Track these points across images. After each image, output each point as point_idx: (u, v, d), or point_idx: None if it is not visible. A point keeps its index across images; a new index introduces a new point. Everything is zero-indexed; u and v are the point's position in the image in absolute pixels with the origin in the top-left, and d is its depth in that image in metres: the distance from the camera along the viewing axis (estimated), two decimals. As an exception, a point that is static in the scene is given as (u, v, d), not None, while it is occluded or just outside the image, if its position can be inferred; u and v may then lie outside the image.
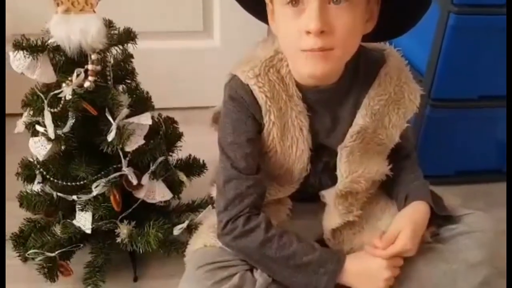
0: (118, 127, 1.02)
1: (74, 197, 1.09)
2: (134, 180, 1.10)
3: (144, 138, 1.08)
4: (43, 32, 1.00)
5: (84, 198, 1.08)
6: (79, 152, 1.08)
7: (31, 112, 1.04)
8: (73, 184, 1.09)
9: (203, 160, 1.28)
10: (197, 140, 1.24)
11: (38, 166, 1.12)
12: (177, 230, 1.16)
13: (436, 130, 1.42)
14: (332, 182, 1.00)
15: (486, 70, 1.35)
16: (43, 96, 1.00)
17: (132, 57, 1.12)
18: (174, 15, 1.69)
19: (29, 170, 1.15)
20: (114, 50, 1.08)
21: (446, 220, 0.97)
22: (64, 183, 1.10)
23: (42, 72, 0.99)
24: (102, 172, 1.08)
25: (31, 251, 1.12)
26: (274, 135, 0.95)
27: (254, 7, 0.96)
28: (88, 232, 1.10)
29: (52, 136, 1.01)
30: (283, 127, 0.95)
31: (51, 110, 1.00)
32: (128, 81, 1.13)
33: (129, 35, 1.07)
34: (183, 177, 1.21)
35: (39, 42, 0.98)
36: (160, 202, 1.18)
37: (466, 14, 1.26)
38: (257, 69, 0.93)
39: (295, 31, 0.83)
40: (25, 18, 1.54)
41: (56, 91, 0.99)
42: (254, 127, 0.95)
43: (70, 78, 0.99)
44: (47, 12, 0.97)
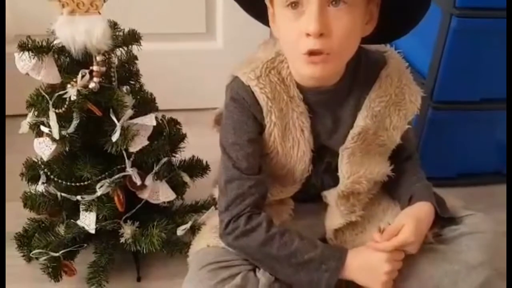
0: (122, 128, 1.02)
1: (78, 197, 1.10)
2: (138, 181, 1.10)
3: (148, 139, 1.08)
4: (48, 33, 1.01)
5: (88, 198, 1.09)
6: (83, 152, 1.09)
7: (35, 112, 1.04)
8: (77, 184, 1.10)
9: (206, 161, 1.29)
10: (200, 141, 1.24)
11: (43, 166, 1.13)
12: (180, 231, 1.16)
13: (438, 132, 1.43)
14: (334, 182, 1.01)
15: (488, 73, 1.35)
16: (48, 97, 1.00)
17: (136, 58, 1.13)
18: (177, 17, 1.70)
19: (33, 171, 1.16)
20: (118, 52, 1.08)
21: (449, 221, 0.97)
22: (68, 184, 1.10)
23: (47, 73, 0.99)
24: (106, 173, 1.09)
25: (35, 251, 1.12)
26: (275, 136, 0.96)
27: (255, 9, 0.97)
28: (92, 232, 1.10)
29: (56, 136, 1.01)
30: (284, 128, 0.96)
31: (56, 111, 1.00)
32: (132, 82, 1.14)
33: (133, 37, 1.07)
34: (186, 178, 1.22)
35: (44, 43, 0.99)
36: (164, 202, 1.18)
37: (468, 17, 1.26)
38: (258, 70, 0.94)
39: (295, 33, 0.84)
40: (28, 19, 1.55)
41: (61, 92, 1.00)
42: (255, 128, 0.95)
43: (75, 79, 0.99)
44: (51, 13, 0.97)
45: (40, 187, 1.15)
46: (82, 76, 0.99)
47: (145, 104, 1.13)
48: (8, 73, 1.18)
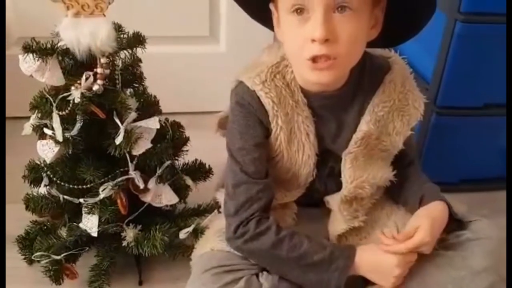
0: (126, 131, 1.02)
1: (81, 200, 1.10)
2: (141, 184, 1.10)
3: (151, 142, 1.08)
4: (51, 35, 1.01)
5: (91, 201, 1.08)
6: (86, 155, 1.09)
7: (39, 114, 1.04)
8: (80, 187, 1.09)
9: (209, 165, 1.28)
10: (203, 145, 1.24)
11: (45, 168, 1.12)
12: (183, 234, 1.16)
13: (441, 138, 1.42)
14: (337, 187, 1.01)
15: (491, 78, 1.35)
16: (51, 99, 1.00)
17: (140, 61, 1.12)
18: (180, 20, 1.70)
19: (36, 173, 1.15)
20: (122, 54, 1.08)
21: (456, 225, 0.97)
22: (71, 186, 1.10)
23: (51, 75, 0.99)
24: (109, 176, 1.08)
25: (37, 254, 1.12)
26: (281, 140, 0.96)
27: (260, 14, 0.97)
28: (94, 235, 1.10)
29: (60, 138, 1.01)
30: (289, 132, 0.96)
31: (60, 113, 1.00)
32: (136, 85, 1.13)
33: (138, 39, 1.07)
34: (189, 181, 1.22)
35: (48, 45, 0.98)
36: (166, 206, 1.18)
37: (472, 23, 1.26)
38: (263, 75, 0.94)
39: (300, 39, 0.84)
40: (31, 21, 1.55)
41: (65, 94, 0.99)
42: (262, 132, 0.95)
43: (79, 81, 0.99)
44: (53, 15, 0.97)
45: (43, 190, 1.15)
46: (86, 78, 0.99)
47: (148, 107, 1.12)
48: (11, 75, 1.17)
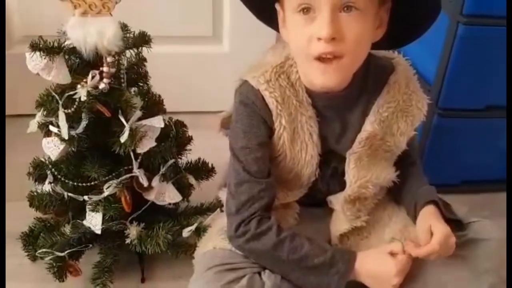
0: (130, 129, 1.03)
1: (85, 197, 1.10)
2: (145, 182, 1.10)
3: (155, 140, 1.09)
4: (57, 34, 1.01)
5: (95, 198, 1.09)
6: (91, 153, 1.09)
7: (45, 112, 1.05)
8: (84, 184, 1.10)
9: (212, 164, 1.29)
10: (206, 144, 1.25)
11: (50, 166, 1.13)
12: (185, 232, 1.16)
13: (443, 139, 1.43)
14: (340, 187, 1.01)
15: (493, 81, 1.36)
16: (57, 97, 1.01)
17: (145, 60, 1.14)
18: (184, 20, 1.71)
19: (40, 170, 1.16)
20: (128, 53, 1.09)
21: (456, 226, 0.97)
22: (75, 184, 1.11)
23: (57, 73, 1.00)
24: (114, 173, 1.09)
25: (40, 251, 1.13)
26: (284, 140, 0.96)
27: (265, 14, 0.97)
28: (98, 232, 1.10)
29: (65, 136, 1.02)
30: (293, 132, 0.96)
31: (65, 111, 1.01)
32: (141, 84, 1.14)
33: (143, 39, 1.08)
34: (192, 180, 1.22)
35: (55, 44, 0.99)
36: (169, 204, 1.19)
37: (474, 25, 1.27)
38: (267, 74, 0.94)
39: (306, 38, 0.84)
40: (36, 20, 1.56)
41: (71, 92, 1.00)
42: (265, 132, 0.96)
43: (85, 80, 1.00)
44: (58, 14, 0.98)
45: (47, 187, 1.15)
46: (92, 77, 1.00)
47: (153, 106, 1.13)
48: (16, 72, 1.18)
